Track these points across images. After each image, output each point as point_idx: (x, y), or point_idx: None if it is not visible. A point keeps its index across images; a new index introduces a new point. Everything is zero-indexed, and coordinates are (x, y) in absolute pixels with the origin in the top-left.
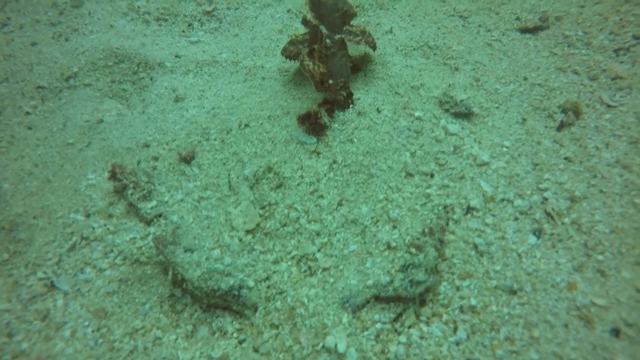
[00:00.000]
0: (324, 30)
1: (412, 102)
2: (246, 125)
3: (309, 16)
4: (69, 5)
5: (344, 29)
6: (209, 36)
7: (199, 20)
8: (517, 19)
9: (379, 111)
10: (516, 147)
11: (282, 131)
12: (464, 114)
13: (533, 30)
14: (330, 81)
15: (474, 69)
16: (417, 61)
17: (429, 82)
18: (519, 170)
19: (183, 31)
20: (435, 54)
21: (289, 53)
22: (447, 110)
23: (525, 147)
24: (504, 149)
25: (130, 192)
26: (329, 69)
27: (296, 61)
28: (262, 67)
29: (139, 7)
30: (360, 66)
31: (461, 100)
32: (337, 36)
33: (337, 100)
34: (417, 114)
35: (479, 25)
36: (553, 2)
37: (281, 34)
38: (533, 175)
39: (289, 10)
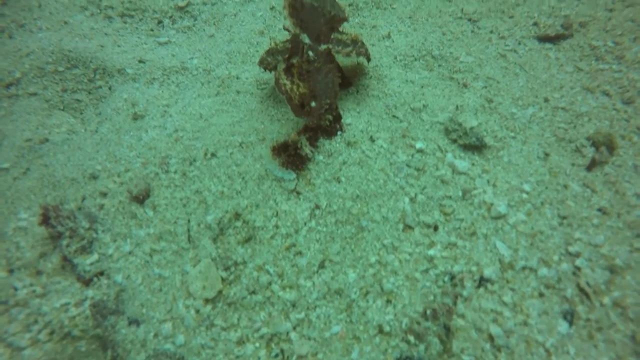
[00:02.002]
0: (306, 40)
1: (412, 129)
2: (213, 155)
3: (288, 23)
4: None
5: (332, 37)
6: (180, 36)
7: (171, 16)
8: (535, 24)
9: (372, 140)
10: (538, 192)
11: (255, 164)
12: (475, 147)
13: (554, 39)
14: (313, 103)
15: (486, 87)
16: (418, 74)
17: (432, 102)
18: (543, 226)
19: (151, 30)
20: (440, 66)
21: (267, 65)
22: (454, 141)
23: (550, 193)
24: (524, 195)
25: (65, 242)
26: (311, 88)
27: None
28: (238, 78)
29: (100, 0)
30: (352, 80)
31: (471, 129)
32: (323, 47)
33: (321, 126)
34: (418, 145)
35: (491, 31)
36: (576, 4)
37: (262, 37)
38: (560, 233)
39: (272, 8)
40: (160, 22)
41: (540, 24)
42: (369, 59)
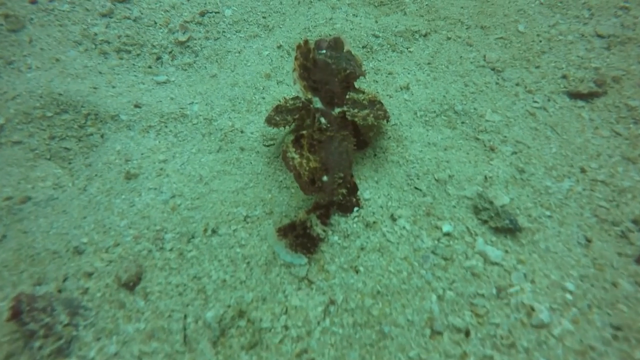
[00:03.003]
0: (318, 105)
1: (437, 206)
2: (214, 232)
3: (298, 87)
4: (3, 29)
5: (347, 96)
6: (180, 74)
7: (170, 52)
8: (564, 77)
9: (394, 219)
10: (583, 291)
11: (262, 245)
12: (508, 230)
13: (587, 97)
14: (325, 178)
15: (515, 152)
16: (441, 134)
17: (458, 171)
18: (594, 340)
19: (149, 67)
20: (463, 123)
21: (275, 124)
22: (484, 222)
23: (597, 292)
24: (568, 296)
25: (38, 344)
26: (323, 160)
27: (285, 128)
28: (242, 132)
29: (95, 34)
30: (369, 139)
31: (502, 208)
32: (337, 110)
33: (334, 201)
34: (445, 228)
35: (517, 84)
36: (606, 55)
37: (269, 80)
38: (616, 350)
39: (279, 47)
40: (159, 58)
41: (569, 77)
42: (388, 121)
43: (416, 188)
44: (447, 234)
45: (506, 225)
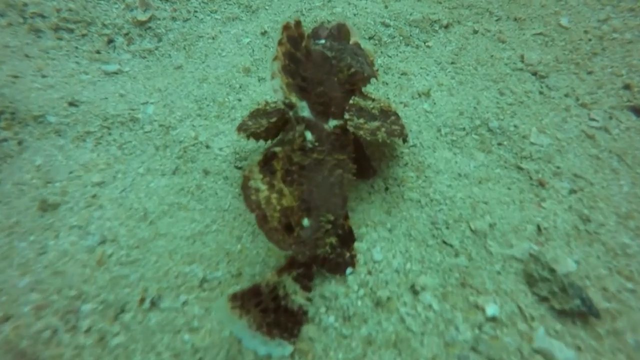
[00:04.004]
0: (305, 113)
1: (476, 272)
2: (154, 304)
3: (277, 84)
4: None
5: (353, 101)
6: (137, 64)
7: (126, 34)
8: (627, 87)
9: (415, 292)
10: None
11: (224, 329)
12: (579, 314)
13: None
14: (306, 222)
15: (575, 191)
16: (473, 161)
17: (501, 217)
18: None
19: (97, 52)
20: (500, 145)
21: (249, 132)
22: (543, 300)
23: None
24: None
25: None
26: (304, 196)
27: (264, 143)
28: (208, 148)
29: (25, 4)
30: (377, 165)
31: (568, 277)
32: (332, 124)
33: (317, 256)
34: (489, 309)
35: (566, 94)
36: None
37: (248, 76)
38: None
39: (264, 33)
40: (111, 41)
41: (633, 87)
42: (405, 141)
43: (445, 242)
44: (493, 319)
45: (576, 307)
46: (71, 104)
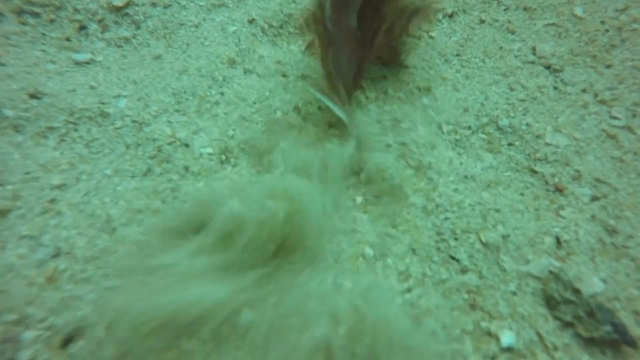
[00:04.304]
0: None
1: (488, 292)
2: (109, 331)
3: None
4: None
5: None
6: (112, 53)
7: (101, 21)
8: None
9: (417, 319)
10: None
11: None
12: (609, 342)
13: None
14: None
15: (597, 198)
16: (480, 163)
17: (515, 228)
18: None
19: (67, 39)
20: (511, 146)
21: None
22: (566, 325)
23: None
24: None
25: None
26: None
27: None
28: (186, 146)
29: None
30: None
31: (595, 299)
32: None
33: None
34: (505, 337)
35: (583, 90)
36: None
37: (232, 68)
38: None
39: (252, 21)
40: (83, 27)
41: None
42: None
43: (452, 257)
44: (508, 349)
45: (607, 334)
46: (33, 96)
